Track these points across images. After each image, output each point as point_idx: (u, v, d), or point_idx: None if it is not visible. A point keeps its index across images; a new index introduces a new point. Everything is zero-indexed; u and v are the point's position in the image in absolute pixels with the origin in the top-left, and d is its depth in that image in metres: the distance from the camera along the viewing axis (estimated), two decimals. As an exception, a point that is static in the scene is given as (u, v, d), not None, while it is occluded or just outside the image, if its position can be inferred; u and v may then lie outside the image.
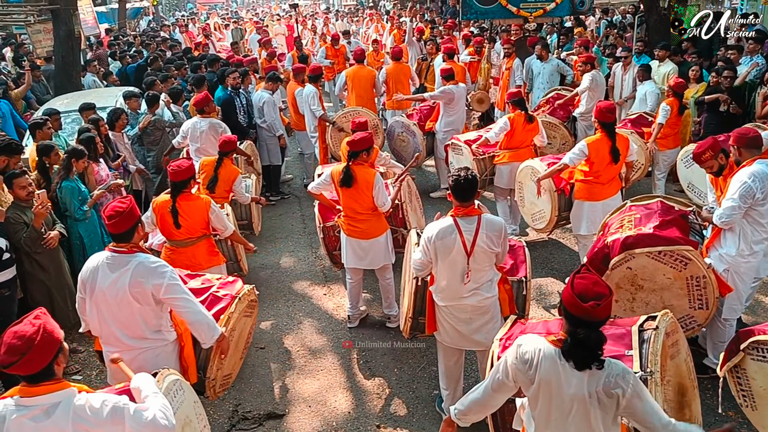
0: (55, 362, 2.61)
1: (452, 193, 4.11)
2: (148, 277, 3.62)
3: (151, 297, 3.66)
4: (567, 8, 11.85)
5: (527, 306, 4.59)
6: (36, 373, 2.56)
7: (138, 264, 3.64)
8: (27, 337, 2.53)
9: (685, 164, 7.19)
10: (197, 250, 5.24)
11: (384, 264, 5.66)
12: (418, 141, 8.80)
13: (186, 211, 5.11)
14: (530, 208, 6.86)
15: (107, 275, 3.64)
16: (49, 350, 2.58)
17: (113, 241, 3.73)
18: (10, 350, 2.51)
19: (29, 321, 2.62)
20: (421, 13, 21.98)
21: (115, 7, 25.32)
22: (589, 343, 2.64)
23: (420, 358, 5.46)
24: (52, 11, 11.47)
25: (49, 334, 2.59)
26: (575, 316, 2.68)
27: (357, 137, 5.37)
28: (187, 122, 7.92)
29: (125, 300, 3.62)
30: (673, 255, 4.49)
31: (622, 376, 2.67)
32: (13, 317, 5.08)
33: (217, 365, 4.07)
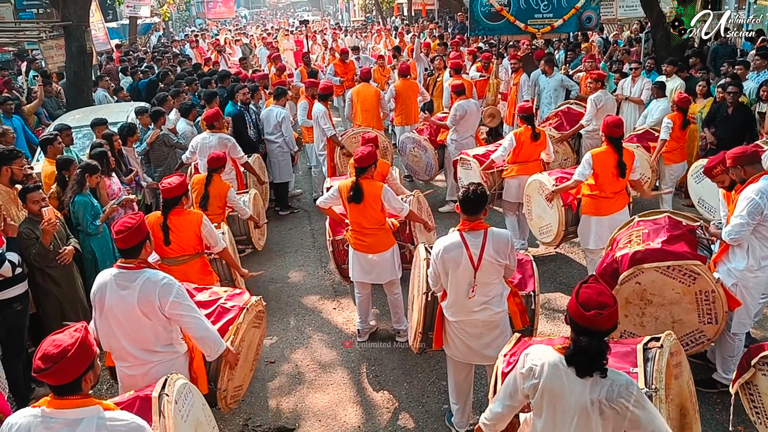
0: (84, 378, 2.67)
1: (460, 206, 4.16)
2: (156, 293, 3.66)
3: (160, 312, 3.70)
4: (574, 25, 11.92)
5: (536, 320, 4.62)
6: (64, 385, 2.62)
7: (146, 280, 3.68)
8: (63, 348, 2.59)
9: (696, 180, 7.19)
10: (190, 269, 5.24)
11: (391, 279, 5.69)
12: (430, 156, 8.90)
13: (177, 226, 5.12)
14: (538, 222, 6.90)
15: (115, 292, 3.68)
16: (81, 364, 2.64)
17: (121, 257, 3.78)
18: (44, 357, 2.58)
19: (70, 332, 2.69)
20: (429, 29, 22.15)
21: (126, 23, 25.64)
22: (590, 351, 2.68)
23: (429, 373, 5.48)
24: (65, 28, 11.63)
25: (83, 349, 2.65)
26: (579, 324, 2.73)
27: (361, 153, 5.42)
28: (196, 137, 8.00)
29: (135, 316, 3.66)
30: (681, 270, 4.51)
31: (626, 387, 2.70)
32: (24, 331, 5.16)
33: (227, 376, 4.11)
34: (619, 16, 17.67)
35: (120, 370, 3.87)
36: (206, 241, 5.28)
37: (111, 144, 7.25)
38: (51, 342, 2.63)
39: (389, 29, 24.27)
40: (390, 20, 31.59)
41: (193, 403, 3.41)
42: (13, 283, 4.93)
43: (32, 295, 5.29)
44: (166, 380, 3.29)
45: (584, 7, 11.57)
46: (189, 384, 3.47)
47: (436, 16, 29.60)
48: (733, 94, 7.81)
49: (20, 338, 5.10)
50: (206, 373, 4.09)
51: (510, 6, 11.47)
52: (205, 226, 5.21)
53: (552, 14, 11.60)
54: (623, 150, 6.01)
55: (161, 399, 3.18)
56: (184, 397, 3.31)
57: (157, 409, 3.14)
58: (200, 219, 5.20)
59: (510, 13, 11.46)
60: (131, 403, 3.17)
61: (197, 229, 5.17)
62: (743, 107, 7.97)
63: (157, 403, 3.16)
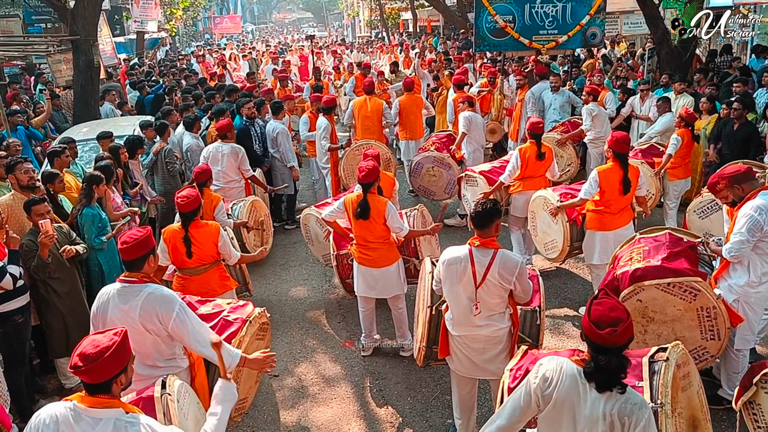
0: (116, 380, 2.76)
1: (473, 221, 4.17)
2: (158, 309, 3.67)
3: (162, 328, 3.72)
4: (579, 41, 12.00)
5: (541, 335, 4.61)
6: (96, 384, 2.71)
7: (148, 295, 3.69)
8: (100, 348, 2.69)
9: (699, 215, 6.88)
10: (210, 277, 5.30)
11: (396, 293, 5.71)
12: (454, 173, 8.71)
13: (198, 238, 5.18)
14: (543, 238, 6.92)
15: (118, 306, 3.71)
16: (115, 367, 2.73)
17: (125, 270, 3.82)
18: (82, 356, 2.68)
19: (110, 334, 2.78)
20: (429, 43, 22.29)
21: (133, 38, 25.87)
22: (610, 368, 2.68)
23: (434, 387, 5.48)
24: (72, 42, 11.74)
25: (120, 352, 2.74)
26: (595, 342, 2.72)
27: (365, 169, 5.44)
28: (207, 147, 8.13)
29: (137, 331, 3.67)
30: (682, 286, 4.52)
31: (640, 407, 2.70)
32: (26, 344, 5.19)
33: None
34: (624, 32, 17.78)
35: None
36: (222, 253, 5.32)
37: (117, 157, 7.33)
38: (91, 342, 2.74)
39: (393, 45, 24.41)
40: (398, 37, 31.77)
41: (191, 402, 3.47)
42: (14, 296, 4.95)
43: (35, 307, 5.33)
44: (164, 381, 3.35)
45: (589, 24, 11.67)
46: (185, 384, 3.52)
47: (441, 32, 29.78)
48: (737, 110, 7.82)
49: (22, 350, 5.12)
50: (208, 389, 4.10)
51: (515, 22, 11.58)
52: (222, 238, 5.25)
53: (557, 30, 11.71)
54: (629, 167, 6.04)
55: (163, 398, 3.23)
56: (183, 396, 3.38)
57: (160, 408, 3.19)
58: (218, 231, 5.25)
59: (514, 30, 11.57)
60: (134, 404, 3.20)
61: (215, 239, 5.22)
62: (749, 124, 7.99)
63: (159, 402, 3.22)
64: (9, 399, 4.65)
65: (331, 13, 72.57)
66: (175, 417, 3.17)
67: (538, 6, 11.52)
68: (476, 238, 4.15)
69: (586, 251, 6.41)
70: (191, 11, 37.80)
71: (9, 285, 4.81)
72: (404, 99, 10.22)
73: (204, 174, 6.52)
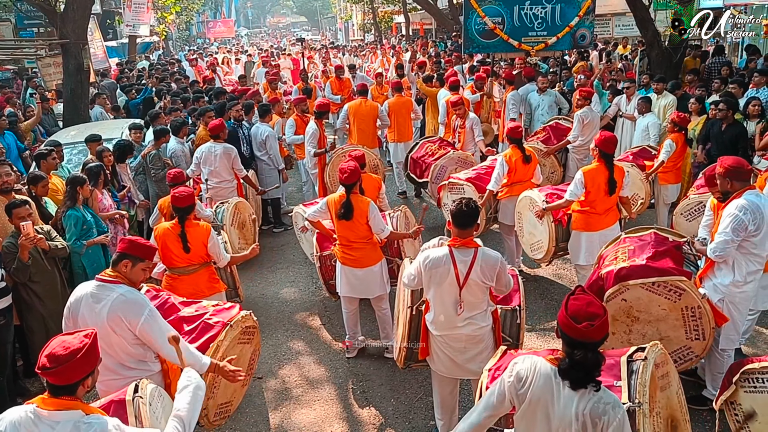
0: (83, 382, 2.73)
1: (453, 221, 4.12)
2: (125, 312, 3.65)
3: (129, 331, 3.68)
4: (568, 42, 12.02)
5: (521, 335, 4.58)
6: (62, 386, 2.68)
7: (118, 296, 3.67)
8: (71, 351, 2.66)
9: (687, 218, 6.82)
10: (199, 278, 5.27)
11: (379, 294, 5.67)
12: None
13: (192, 236, 5.16)
14: (529, 239, 6.88)
15: (90, 306, 3.69)
16: (84, 369, 2.71)
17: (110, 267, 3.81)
18: (51, 357, 2.65)
19: (80, 336, 2.75)
20: (421, 46, 22.29)
21: (125, 42, 25.82)
22: (586, 363, 2.66)
23: (417, 389, 5.44)
24: (62, 45, 11.72)
25: (89, 355, 2.72)
26: (571, 337, 2.70)
27: (347, 170, 5.39)
28: (200, 147, 8.08)
29: (105, 331, 3.64)
30: (666, 286, 4.50)
31: (613, 406, 2.67)
32: (8, 346, 5.15)
33: (207, 395, 4.05)
34: (615, 34, 17.83)
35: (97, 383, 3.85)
36: (211, 254, 5.29)
37: (102, 160, 7.28)
38: (60, 343, 2.70)
39: (386, 48, 24.43)
40: (391, 40, 31.82)
41: (165, 405, 3.41)
42: None
43: (16, 309, 5.27)
44: (137, 384, 3.30)
45: (578, 25, 11.69)
46: (159, 388, 3.47)
47: (434, 35, 29.83)
48: (721, 110, 7.79)
49: (4, 352, 5.09)
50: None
51: (504, 24, 11.60)
52: (212, 239, 5.23)
53: (546, 32, 11.73)
54: (614, 167, 6.01)
55: (135, 401, 3.19)
56: (156, 400, 3.33)
57: (132, 411, 3.15)
58: (209, 231, 5.23)
59: (504, 31, 11.59)
60: (106, 407, 3.17)
61: (206, 240, 5.19)
62: (737, 124, 7.97)
63: (131, 405, 3.17)
64: None
65: (325, 17, 72.71)
66: (147, 420, 3.13)
67: (527, 8, 11.55)
68: (455, 239, 4.11)
69: (572, 252, 6.39)
70: (184, 15, 37.78)
71: None
72: (393, 101, 10.21)
73: (178, 177, 6.37)
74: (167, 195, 7.74)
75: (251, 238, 7.39)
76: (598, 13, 14.59)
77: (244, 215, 7.31)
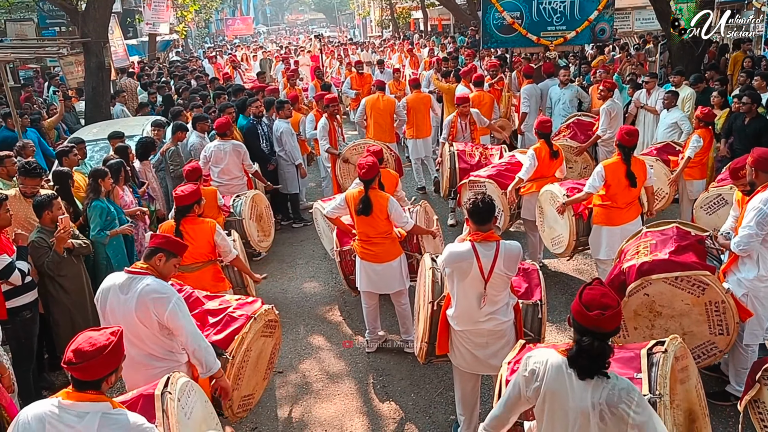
0: (106, 379, 2.78)
1: (470, 217, 4.14)
2: (152, 301, 3.71)
3: (156, 321, 3.73)
4: (587, 37, 11.93)
5: (543, 329, 4.56)
6: (87, 381, 2.72)
7: (145, 286, 3.73)
8: (97, 347, 2.71)
9: (707, 211, 6.78)
10: (203, 276, 5.31)
11: (398, 289, 5.68)
12: None
13: (191, 234, 5.18)
14: (549, 233, 6.84)
15: (118, 296, 3.76)
16: (109, 366, 2.76)
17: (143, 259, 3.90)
18: (77, 352, 2.69)
19: (107, 333, 2.80)
20: (442, 43, 22.22)
21: (145, 40, 26.02)
22: (592, 351, 2.66)
23: (437, 384, 5.45)
24: (84, 44, 11.85)
25: (115, 352, 2.77)
26: (581, 325, 2.73)
27: (365, 165, 5.41)
28: (208, 145, 8.14)
29: (132, 322, 3.71)
30: (690, 280, 4.45)
31: (627, 392, 2.66)
32: (34, 339, 5.23)
33: (233, 385, 4.09)
34: (636, 28, 17.64)
35: (124, 375, 3.90)
36: (219, 249, 5.33)
37: (126, 157, 7.37)
38: (87, 339, 2.75)
39: (404, 44, 24.38)
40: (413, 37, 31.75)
41: (196, 401, 3.44)
42: (22, 292, 5.00)
43: (42, 302, 5.36)
44: (168, 378, 3.33)
45: (597, 19, 11.59)
46: (191, 382, 3.50)
47: (452, 30, 29.72)
48: (745, 104, 7.68)
49: (29, 346, 5.16)
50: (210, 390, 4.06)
51: (522, 19, 11.53)
52: (219, 234, 5.27)
53: (565, 26, 11.65)
54: (634, 160, 5.96)
55: (164, 397, 3.21)
56: (187, 394, 3.35)
57: (160, 406, 3.17)
58: (213, 227, 5.26)
59: (522, 26, 11.53)
60: (135, 401, 3.22)
61: (210, 237, 5.24)
62: (760, 118, 7.85)
63: (159, 400, 3.19)
64: (17, 389, 4.66)
65: (343, 14, 72.72)
66: (174, 416, 3.14)
67: (546, 2, 11.48)
68: (476, 234, 4.11)
69: (592, 246, 6.35)
70: (203, 13, 37.98)
71: (18, 281, 4.88)
72: (412, 97, 10.18)
73: (194, 172, 6.39)
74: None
75: (269, 229, 7.45)
76: (618, 6, 14.44)
77: (261, 207, 7.36)
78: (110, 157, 7.31)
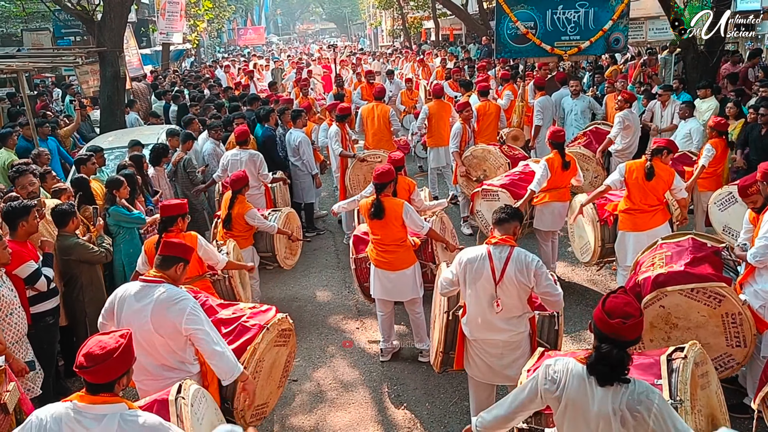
0: (119, 381, 2.81)
1: (493, 215, 4.23)
2: (169, 308, 3.73)
3: (173, 328, 3.75)
4: (602, 47, 11.93)
5: (559, 340, 4.55)
6: (100, 384, 2.76)
7: (161, 293, 3.76)
8: (107, 350, 2.75)
9: (720, 207, 6.87)
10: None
11: (412, 297, 5.69)
12: None
13: None
14: (579, 242, 6.90)
15: (132, 305, 3.78)
16: (120, 368, 2.79)
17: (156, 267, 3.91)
18: (88, 356, 2.73)
19: (116, 336, 2.83)
20: (455, 53, 22.26)
21: (159, 49, 26.24)
22: (610, 358, 2.68)
23: (452, 393, 5.44)
24: (100, 53, 11.97)
25: (125, 355, 2.81)
26: (602, 332, 2.74)
27: (380, 170, 5.49)
28: (225, 154, 8.18)
29: (148, 330, 3.73)
30: (706, 292, 4.44)
31: (646, 395, 2.67)
32: (55, 344, 5.29)
33: (244, 397, 4.08)
34: (649, 38, 17.58)
35: (136, 384, 3.94)
36: (206, 261, 5.26)
37: (140, 166, 7.44)
38: (97, 342, 2.79)
39: (416, 53, 24.46)
40: (422, 46, 31.83)
41: (207, 407, 3.49)
42: (47, 298, 5.09)
43: (65, 310, 5.48)
44: (180, 385, 3.38)
45: (612, 29, 11.58)
46: (202, 389, 3.55)
47: (464, 40, 29.79)
48: (763, 115, 7.64)
49: (51, 351, 5.23)
50: (219, 394, 4.10)
51: (536, 29, 11.56)
52: (201, 247, 5.15)
53: (579, 36, 11.65)
54: (661, 167, 5.99)
55: (177, 402, 3.25)
56: (198, 401, 3.40)
57: (174, 411, 3.21)
58: (195, 239, 5.12)
59: (536, 36, 11.55)
60: (149, 406, 3.26)
61: (194, 251, 5.06)
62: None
63: (174, 405, 3.24)
64: (39, 392, 4.71)
65: (354, 23, 73.00)
66: (188, 420, 3.19)
67: (560, 12, 11.48)
68: (493, 236, 4.15)
69: (618, 253, 6.33)
70: (216, 23, 38.28)
71: (43, 287, 4.97)
72: (433, 105, 10.11)
73: (240, 181, 6.49)
74: (195, 200, 7.97)
75: (296, 249, 7.43)
76: (632, 16, 14.41)
77: (293, 226, 7.34)
78: (124, 163, 7.39)
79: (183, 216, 5.17)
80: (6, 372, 3.95)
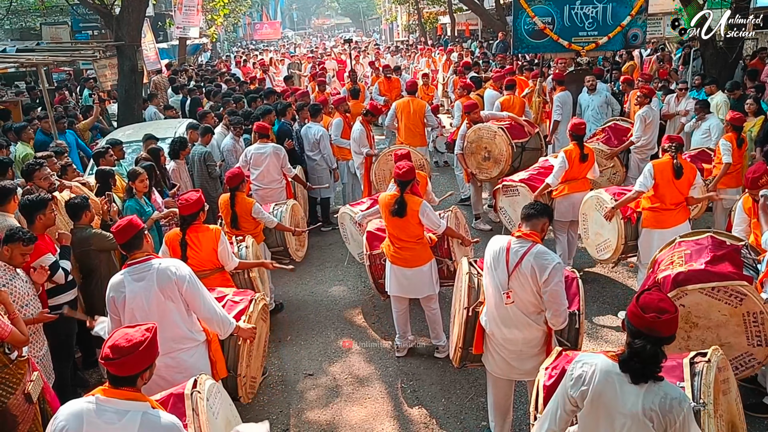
0: (141, 375, 2.85)
1: (522, 217, 4.23)
2: (172, 274, 3.92)
3: (179, 293, 3.93)
4: (620, 42, 11.80)
5: (580, 339, 4.51)
6: (123, 377, 2.80)
7: (160, 265, 3.95)
8: (133, 343, 2.80)
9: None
10: (211, 283, 5.17)
11: (428, 294, 5.67)
12: None
13: (196, 243, 5.19)
14: (595, 239, 6.78)
15: (133, 285, 3.91)
16: (144, 361, 2.84)
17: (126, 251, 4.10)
18: (114, 348, 2.78)
19: (141, 330, 2.89)
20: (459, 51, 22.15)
21: (175, 44, 26.36)
22: (644, 354, 2.65)
23: (468, 389, 5.43)
24: (117, 47, 12.05)
25: (151, 348, 2.86)
26: (635, 327, 2.73)
27: (403, 168, 5.45)
28: (248, 149, 8.17)
29: (159, 301, 3.89)
30: (727, 291, 4.39)
31: (680, 401, 2.66)
32: (73, 336, 5.35)
33: (245, 362, 4.34)
34: (667, 34, 17.41)
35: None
36: (220, 258, 5.28)
37: (158, 159, 7.48)
38: (123, 335, 2.84)
39: (432, 48, 24.38)
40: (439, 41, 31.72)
41: (222, 402, 3.55)
42: (65, 290, 5.15)
43: (84, 301, 5.54)
44: (195, 380, 3.43)
45: (630, 25, 11.46)
46: (217, 384, 3.61)
47: (480, 35, 29.64)
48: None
49: (69, 343, 5.29)
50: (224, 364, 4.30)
51: (554, 24, 11.45)
52: (222, 243, 5.22)
53: (597, 32, 11.54)
54: (686, 164, 5.95)
55: (193, 396, 3.29)
56: (214, 395, 3.45)
57: (190, 405, 3.25)
58: (218, 235, 5.22)
59: (553, 31, 11.44)
60: (165, 400, 3.30)
61: (215, 244, 5.20)
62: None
63: (190, 399, 3.28)
64: (54, 378, 4.76)
65: (369, 18, 72.89)
66: (204, 414, 3.22)
67: (578, 7, 11.36)
68: (519, 230, 4.16)
69: (642, 250, 6.26)
70: (232, 17, 38.35)
71: (61, 279, 5.03)
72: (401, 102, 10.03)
73: (236, 178, 6.45)
74: (213, 193, 7.98)
75: (303, 240, 7.48)
76: (650, 12, 14.27)
77: (298, 217, 7.39)
78: (141, 156, 7.44)
79: (203, 209, 5.34)
80: (29, 362, 4.00)
